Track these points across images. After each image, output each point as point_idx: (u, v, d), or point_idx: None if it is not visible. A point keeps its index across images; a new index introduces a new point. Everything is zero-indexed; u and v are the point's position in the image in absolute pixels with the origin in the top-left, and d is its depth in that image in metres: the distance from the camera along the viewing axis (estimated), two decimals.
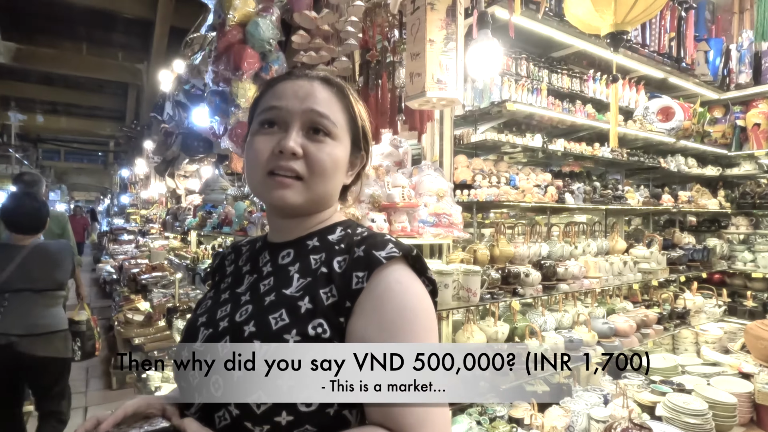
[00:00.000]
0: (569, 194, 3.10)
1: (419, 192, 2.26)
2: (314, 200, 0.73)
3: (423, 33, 1.91)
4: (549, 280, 2.59)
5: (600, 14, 2.22)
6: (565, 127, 3.55)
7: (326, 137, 0.72)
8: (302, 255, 0.72)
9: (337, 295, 0.65)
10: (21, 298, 2.36)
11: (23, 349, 2.31)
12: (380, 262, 0.65)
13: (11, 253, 2.39)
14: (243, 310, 0.69)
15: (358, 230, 0.74)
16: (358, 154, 0.79)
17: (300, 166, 0.70)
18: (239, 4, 1.73)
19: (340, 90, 0.76)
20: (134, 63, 10.42)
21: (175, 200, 6.72)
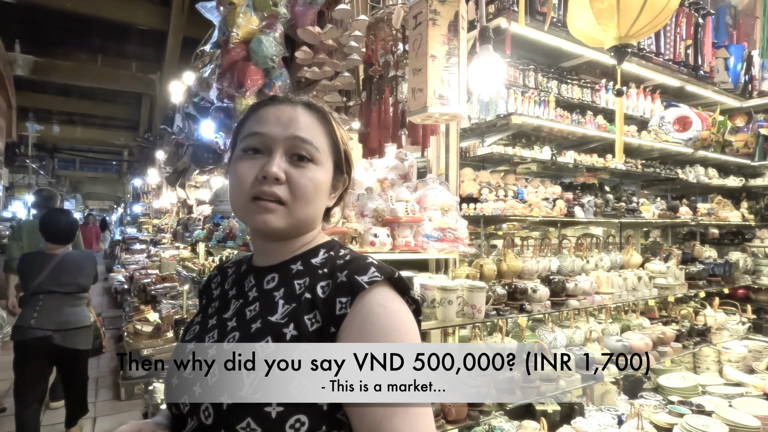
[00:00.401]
0: (579, 208, 3.08)
1: (424, 206, 2.28)
2: (296, 224, 0.75)
3: (425, 48, 1.94)
4: (558, 295, 2.57)
5: (603, 27, 2.23)
6: (575, 139, 3.55)
7: (309, 163, 0.75)
8: (286, 280, 0.74)
9: (321, 321, 0.67)
10: (53, 299, 2.85)
11: (56, 342, 2.79)
12: (362, 287, 0.66)
13: (46, 261, 2.88)
14: (230, 336, 0.71)
15: (341, 252, 0.76)
16: (340, 177, 0.82)
17: (283, 192, 0.73)
18: (243, 22, 1.79)
19: (323, 115, 0.79)
20: (148, 73, 10.80)
21: (187, 210, 6.86)
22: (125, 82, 11.03)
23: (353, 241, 2.01)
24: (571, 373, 2.50)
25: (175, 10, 8.13)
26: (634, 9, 2.10)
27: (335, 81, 2.14)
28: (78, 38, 9.83)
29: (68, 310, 2.89)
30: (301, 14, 1.93)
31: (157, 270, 7.23)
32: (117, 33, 9.55)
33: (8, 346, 5.43)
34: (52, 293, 2.86)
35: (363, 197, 2.19)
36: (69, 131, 15.71)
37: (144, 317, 5.21)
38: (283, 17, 1.87)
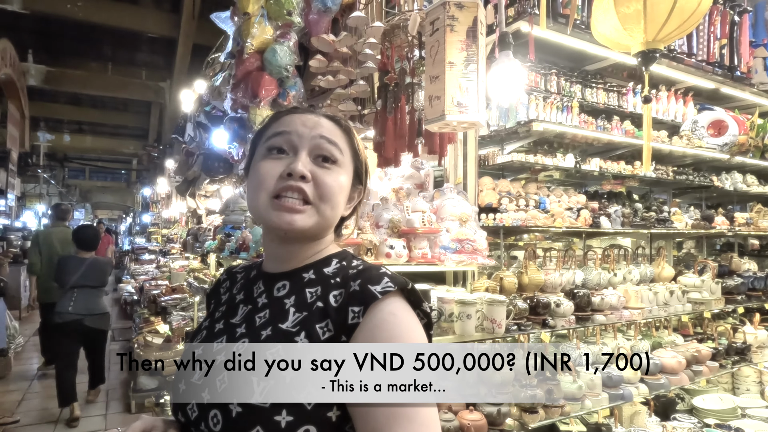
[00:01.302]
0: (605, 218, 3.07)
1: (441, 216, 2.31)
2: (321, 226, 0.78)
3: (442, 55, 1.97)
4: (583, 310, 2.56)
5: (629, 32, 2.24)
6: (601, 145, 3.54)
7: (333, 164, 0.78)
8: (298, 288, 0.77)
9: (333, 330, 0.69)
10: (84, 292, 4.01)
11: (87, 323, 3.99)
12: (375, 297, 0.68)
13: (79, 263, 4.06)
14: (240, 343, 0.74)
15: (354, 263, 0.79)
16: (357, 187, 0.86)
17: (309, 190, 0.75)
18: (257, 32, 1.87)
19: (345, 126, 0.84)
20: (157, 81, 11.18)
21: (196, 220, 7.01)
22: (135, 91, 11.44)
23: (368, 252, 2.05)
24: (598, 392, 2.48)
25: (186, 17, 8.40)
26: (662, 13, 2.11)
27: (350, 89, 2.20)
28: (89, 47, 10.26)
29: (94, 300, 4.07)
30: (315, 22, 2.00)
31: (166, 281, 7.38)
32: (127, 41, 9.93)
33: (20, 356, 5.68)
34: (84, 287, 4.01)
35: (378, 207, 2.23)
36: (79, 140, 16.27)
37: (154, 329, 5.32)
38: (297, 26, 1.94)
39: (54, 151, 16.21)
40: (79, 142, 16.39)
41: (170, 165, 7.13)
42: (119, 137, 16.83)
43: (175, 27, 8.90)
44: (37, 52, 10.07)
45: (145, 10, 9.01)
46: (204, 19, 7.88)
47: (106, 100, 13.09)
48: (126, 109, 14.32)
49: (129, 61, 11.01)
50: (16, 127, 9.81)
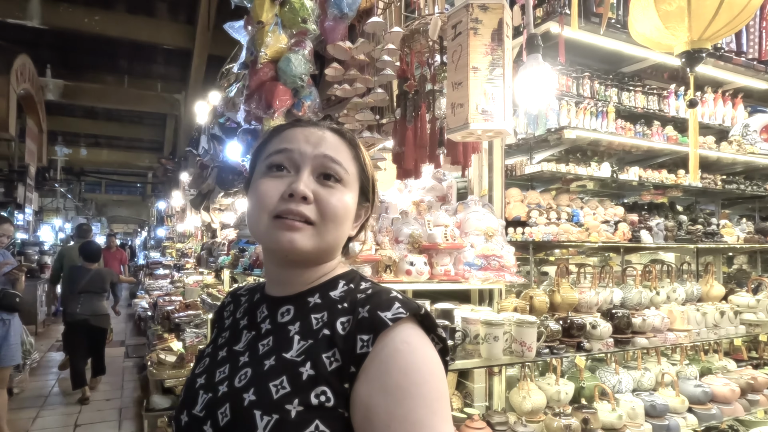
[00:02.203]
0: (646, 231, 3.00)
1: (465, 231, 2.30)
2: (323, 248, 0.77)
3: (465, 60, 1.97)
4: (622, 332, 2.49)
5: (671, 32, 2.20)
6: (640, 153, 3.48)
7: (337, 183, 0.77)
8: (303, 313, 0.76)
9: (341, 360, 0.68)
10: (88, 296, 5.13)
11: (92, 322, 5.14)
12: (386, 325, 0.67)
13: (85, 273, 5.18)
14: (242, 373, 0.72)
15: (362, 285, 0.78)
16: (364, 205, 0.85)
17: (311, 211, 0.74)
18: (271, 41, 1.92)
19: (350, 140, 0.83)
20: (173, 93, 11.62)
21: (210, 234, 7.15)
22: (150, 103, 11.90)
23: (387, 269, 2.05)
24: (640, 422, 2.40)
25: (201, 28, 8.73)
26: (709, 10, 2.06)
27: (367, 98, 2.23)
28: (106, 61, 10.78)
29: (97, 304, 5.20)
30: (331, 29, 2.04)
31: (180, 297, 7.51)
32: (143, 54, 10.40)
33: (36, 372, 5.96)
34: (89, 293, 5.13)
35: (398, 222, 2.23)
36: (95, 154, 16.99)
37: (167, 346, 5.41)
38: (312, 33, 1.98)
39: (71, 165, 16.94)
40: (96, 156, 17.09)
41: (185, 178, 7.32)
42: (135, 150, 17.46)
43: (190, 38, 9.25)
44: (55, 67, 10.61)
45: (160, 22, 9.39)
46: (219, 29, 8.15)
47: (122, 113, 13.66)
48: (141, 122, 14.87)
49: (144, 74, 11.49)
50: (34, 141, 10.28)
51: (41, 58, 9.95)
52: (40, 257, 9.65)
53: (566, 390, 2.34)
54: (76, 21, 8.56)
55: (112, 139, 16.45)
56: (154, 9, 9.15)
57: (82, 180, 19.30)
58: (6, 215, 7.61)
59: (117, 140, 16.52)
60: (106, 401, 5.20)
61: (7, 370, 4.03)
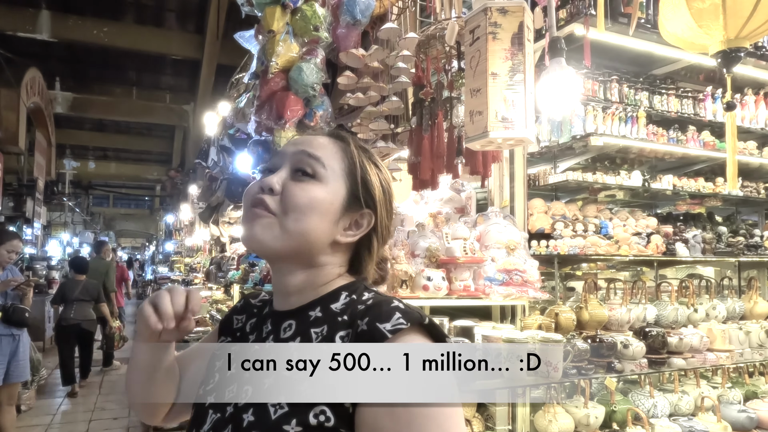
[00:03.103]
0: (682, 244, 2.97)
1: (485, 244, 2.31)
2: (289, 242, 0.77)
3: (484, 66, 1.99)
4: (657, 353, 2.47)
5: (705, 30, 2.19)
6: (674, 160, 3.45)
7: (311, 179, 0.80)
8: (303, 328, 0.78)
9: None
10: (80, 304, 6.12)
11: (83, 327, 6.14)
12: (384, 337, 0.67)
13: (77, 284, 6.20)
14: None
15: (364, 296, 0.78)
16: (359, 210, 0.82)
17: (273, 202, 0.78)
18: (282, 50, 1.98)
19: (344, 140, 0.86)
20: (181, 104, 12.01)
21: (219, 248, 7.28)
22: (159, 115, 12.31)
23: (403, 284, 2.07)
24: None
25: (210, 38, 9.01)
26: (746, 6, 2.05)
27: (381, 106, 2.27)
28: (114, 72, 11.22)
29: (87, 310, 6.20)
30: (344, 37, 2.10)
31: None
32: (151, 64, 10.79)
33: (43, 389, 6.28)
34: (80, 301, 6.12)
35: (414, 235, 2.26)
36: (103, 167, 17.56)
37: None
38: (324, 41, 2.04)
39: (79, 179, 17.50)
40: (104, 169, 17.66)
41: (193, 191, 7.49)
42: (143, 163, 17.99)
43: (199, 48, 9.56)
44: (64, 79, 11.10)
45: (169, 33, 9.75)
46: (228, 38, 8.39)
47: (130, 125, 14.16)
48: (150, 134, 15.38)
49: (153, 85, 11.93)
50: (43, 155, 10.64)
51: (50, 71, 10.37)
52: (48, 272, 9.91)
53: (596, 414, 2.31)
54: (85, 33, 8.95)
55: (120, 152, 17.02)
56: (162, 19, 9.50)
57: (90, 194, 19.89)
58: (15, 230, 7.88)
59: (125, 153, 17.07)
60: (113, 420, 5.31)
61: (16, 387, 4.14)
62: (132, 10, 9.19)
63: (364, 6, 2.11)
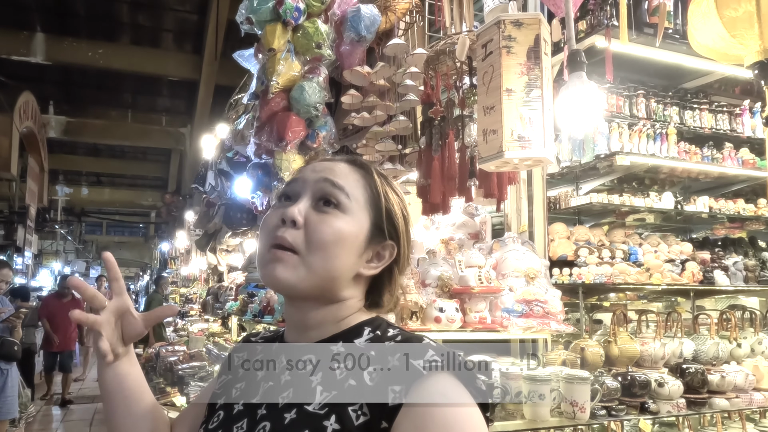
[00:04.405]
0: (721, 272, 2.94)
1: (502, 272, 2.31)
2: (313, 281, 0.79)
3: (498, 82, 2.02)
4: (696, 392, 2.42)
5: (739, 40, 2.21)
6: (709, 180, 3.45)
7: (335, 209, 0.81)
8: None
9: (369, 414, 0.70)
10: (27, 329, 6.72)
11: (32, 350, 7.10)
12: (420, 374, 0.69)
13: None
14: (260, 427, 0.76)
15: (390, 332, 0.81)
16: (382, 242, 0.85)
17: (297, 238, 0.78)
18: (283, 69, 2.04)
19: (365, 168, 0.89)
20: (178, 127, 12.37)
21: (217, 278, 7.35)
22: (155, 138, 12.71)
23: (413, 316, 2.08)
24: None
25: (207, 58, 9.32)
26: None
27: (388, 126, 2.32)
28: (109, 95, 11.64)
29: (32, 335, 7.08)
30: (348, 54, 2.16)
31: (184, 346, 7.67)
32: (147, 86, 11.21)
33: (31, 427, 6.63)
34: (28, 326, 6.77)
35: (424, 263, 2.27)
36: (97, 193, 18.01)
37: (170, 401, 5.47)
38: (327, 59, 2.11)
39: (71, 206, 17.92)
40: (97, 195, 18.10)
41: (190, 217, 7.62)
42: (137, 188, 18.43)
43: (196, 69, 9.92)
44: (58, 103, 11.59)
45: (166, 53, 10.14)
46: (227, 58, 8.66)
47: (125, 149, 14.68)
48: (145, 158, 15.81)
49: (149, 108, 12.34)
50: (35, 181, 10.92)
51: (44, 95, 10.76)
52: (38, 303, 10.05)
53: None
54: (79, 55, 9.34)
55: (114, 177, 17.50)
56: (159, 39, 9.89)
57: (83, 221, 20.31)
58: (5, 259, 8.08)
59: (119, 178, 17.54)
60: None
61: (3, 425, 4.18)
62: (128, 31, 9.56)
63: (369, 21, 2.18)
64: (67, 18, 9.12)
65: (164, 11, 9.22)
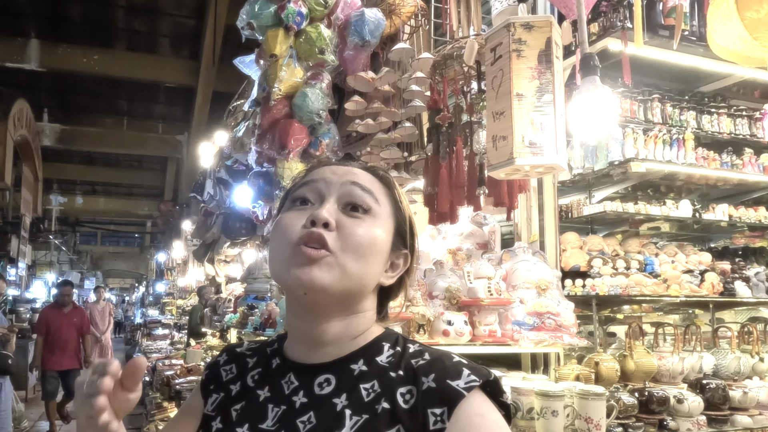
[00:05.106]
0: (742, 283, 2.94)
1: (513, 284, 2.31)
2: (345, 285, 0.77)
3: (508, 86, 2.02)
4: (718, 409, 2.41)
5: (761, 42, 2.21)
6: (729, 187, 3.44)
7: (365, 214, 0.80)
8: (348, 383, 0.77)
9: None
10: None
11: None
12: (461, 395, 0.71)
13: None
14: None
15: (411, 348, 0.81)
16: (400, 252, 0.85)
17: (332, 239, 0.76)
18: (285, 75, 2.06)
19: (384, 178, 0.88)
20: (174, 135, 12.50)
21: (215, 289, 7.38)
22: (151, 146, 12.87)
23: (420, 329, 2.08)
24: None
25: (205, 63, 9.42)
26: None
27: (393, 133, 2.33)
28: (104, 102, 11.82)
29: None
30: (352, 59, 2.18)
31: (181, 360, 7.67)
32: (143, 93, 11.37)
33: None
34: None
35: (431, 273, 2.27)
36: (92, 202, 18.16)
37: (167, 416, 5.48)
38: (330, 65, 2.13)
39: (66, 215, 18.13)
40: (92, 205, 18.26)
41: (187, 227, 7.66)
42: (133, 198, 18.62)
43: (193, 75, 10.04)
44: (53, 111, 11.75)
45: (162, 59, 10.25)
46: (225, 63, 8.77)
47: (120, 157, 14.89)
48: (141, 166, 16.03)
49: (145, 115, 12.49)
50: (29, 190, 11.03)
51: (38, 102, 10.91)
52: (32, 316, 10.09)
53: None
54: (74, 62, 9.48)
55: (109, 186, 17.69)
56: (155, 45, 10.02)
57: (78, 231, 20.51)
58: None
59: (115, 187, 17.73)
60: None
61: None
62: (124, 37, 9.69)
63: (374, 26, 2.20)
64: (62, 24, 9.27)
65: (161, 16, 9.33)
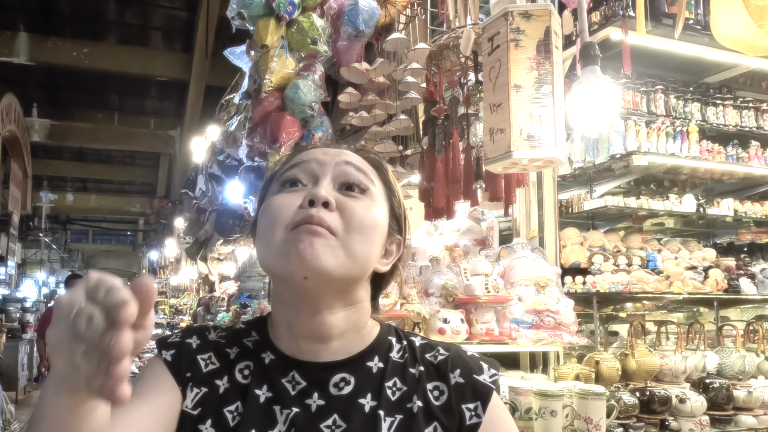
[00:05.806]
0: (747, 279, 2.94)
1: (511, 281, 2.32)
2: (350, 268, 0.73)
3: (506, 77, 2.02)
4: (721, 408, 2.42)
5: (767, 30, 2.23)
6: (734, 181, 3.45)
7: (363, 194, 0.77)
8: (371, 382, 0.76)
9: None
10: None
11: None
12: (491, 389, 0.77)
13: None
14: None
15: (416, 341, 0.83)
16: (394, 238, 0.83)
17: (334, 220, 0.72)
18: (277, 66, 2.06)
19: (375, 160, 0.87)
20: (167, 130, 12.50)
21: (208, 288, 7.43)
22: (143, 141, 12.92)
23: (416, 327, 2.08)
24: None
25: (198, 57, 9.40)
26: None
27: (388, 126, 2.34)
28: (95, 97, 11.81)
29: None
30: (345, 50, 2.18)
31: None
32: (135, 87, 11.35)
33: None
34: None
35: (427, 270, 2.28)
36: (83, 200, 18.18)
37: None
38: (323, 56, 2.13)
39: (56, 213, 18.17)
40: (83, 202, 18.27)
41: (180, 224, 7.69)
42: (125, 195, 18.66)
43: (186, 68, 10.03)
44: (42, 106, 11.74)
45: (154, 52, 10.25)
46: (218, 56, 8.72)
47: (111, 154, 14.80)
48: (132, 163, 16.05)
49: (137, 110, 12.49)
50: (18, 187, 11.05)
51: (27, 97, 10.90)
52: (21, 315, 10.13)
53: None
54: (64, 56, 9.47)
55: (101, 183, 17.63)
56: (147, 38, 10.00)
57: (68, 229, 20.52)
58: None
59: (106, 184, 17.72)
60: None
61: None
62: (115, 30, 9.67)
63: (368, 15, 2.20)
64: (52, 17, 9.25)
65: (152, 8, 9.31)
